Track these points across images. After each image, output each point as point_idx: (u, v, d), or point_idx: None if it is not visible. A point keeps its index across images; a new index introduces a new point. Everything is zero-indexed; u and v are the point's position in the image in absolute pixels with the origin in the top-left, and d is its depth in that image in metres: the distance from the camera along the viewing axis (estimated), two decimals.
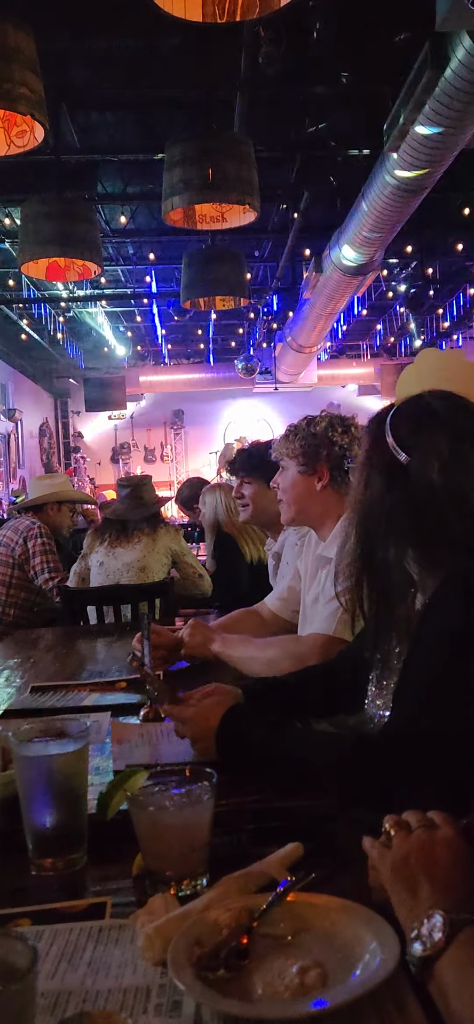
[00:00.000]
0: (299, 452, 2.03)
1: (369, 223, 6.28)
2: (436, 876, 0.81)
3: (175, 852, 0.95)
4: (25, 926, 0.91)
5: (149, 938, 0.82)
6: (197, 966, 0.77)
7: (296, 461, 2.04)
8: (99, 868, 1.04)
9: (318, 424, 2.03)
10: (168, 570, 3.59)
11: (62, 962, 0.83)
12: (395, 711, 1.25)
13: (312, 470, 2.02)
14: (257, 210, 4.07)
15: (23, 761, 1.05)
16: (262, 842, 1.01)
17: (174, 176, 3.90)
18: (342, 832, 1.07)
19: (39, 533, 3.87)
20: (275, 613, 2.30)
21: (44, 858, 1.03)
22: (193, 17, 2.49)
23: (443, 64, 4.01)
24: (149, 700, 1.65)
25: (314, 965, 0.75)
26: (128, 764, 1.30)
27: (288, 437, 2.07)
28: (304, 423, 2.07)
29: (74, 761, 1.05)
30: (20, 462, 13.01)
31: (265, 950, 0.80)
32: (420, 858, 0.83)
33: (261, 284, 10.55)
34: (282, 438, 2.10)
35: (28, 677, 2.15)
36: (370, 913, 0.82)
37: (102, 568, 3.55)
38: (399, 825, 0.88)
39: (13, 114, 2.95)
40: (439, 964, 0.74)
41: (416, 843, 0.84)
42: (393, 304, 11.80)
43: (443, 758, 1.10)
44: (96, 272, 4.87)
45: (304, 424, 2.06)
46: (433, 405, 1.27)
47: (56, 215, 4.49)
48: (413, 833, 0.86)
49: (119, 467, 16.17)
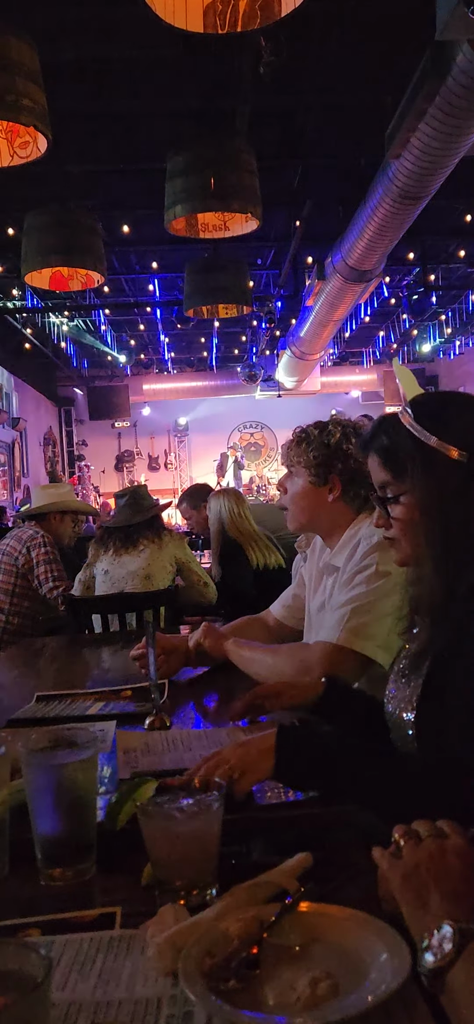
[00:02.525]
0: (311, 463, 1.97)
1: (371, 230, 6.29)
2: (446, 886, 0.81)
3: (184, 862, 0.95)
4: (35, 936, 0.91)
5: (159, 948, 0.82)
6: (208, 977, 0.77)
7: (308, 471, 1.98)
8: (108, 878, 1.04)
9: (332, 435, 1.97)
10: (173, 578, 3.59)
11: (73, 973, 0.83)
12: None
13: (324, 481, 1.97)
14: (259, 218, 4.09)
15: (32, 771, 1.05)
16: (271, 852, 1.01)
17: (176, 185, 3.93)
18: (352, 842, 1.07)
19: (43, 542, 3.88)
20: (280, 620, 2.30)
21: (53, 868, 1.03)
22: (194, 28, 2.50)
23: (444, 72, 4.03)
24: (154, 709, 1.65)
25: (325, 976, 0.75)
26: (134, 772, 1.30)
27: (299, 444, 2.01)
28: (316, 431, 2.00)
29: (83, 770, 1.05)
30: (25, 471, 13.04)
31: (276, 960, 0.80)
32: (430, 868, 0.82)
33: (264, 292, 10.57)
34: (293, 444, 2.04)
35: (33, 686, 2.15)
36: (380, 923, 0.82)
37: (107, 576, 3.55)
38: (409, 835, 0.87)
39: (16, 125, 2.97)
40: (450, 975, 0.73)
41: (426, 853, 0.84)
42: (396, 310, 11.82)
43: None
44: (99, 281, 4.89)
45: (316, 433, 2.00)
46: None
47: (59, 225, 4.52)
48: (423, 843, 0.85)
49: (123, 475, 16.20)
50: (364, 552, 1.86)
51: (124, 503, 3.72)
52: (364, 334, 13.36)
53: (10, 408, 12.26)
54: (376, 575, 1.79)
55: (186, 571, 3.68)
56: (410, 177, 5.15)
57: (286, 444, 2.09)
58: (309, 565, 2.18)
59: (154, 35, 3.17)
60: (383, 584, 1.77)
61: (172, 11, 2.45)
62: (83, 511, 5.39)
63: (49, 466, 14.70)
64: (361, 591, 1.80)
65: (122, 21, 4.41)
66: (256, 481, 15.05)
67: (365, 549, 1.86)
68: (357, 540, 1.92)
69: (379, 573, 1.79)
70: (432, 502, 1.23)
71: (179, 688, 1.95)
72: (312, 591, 2.13)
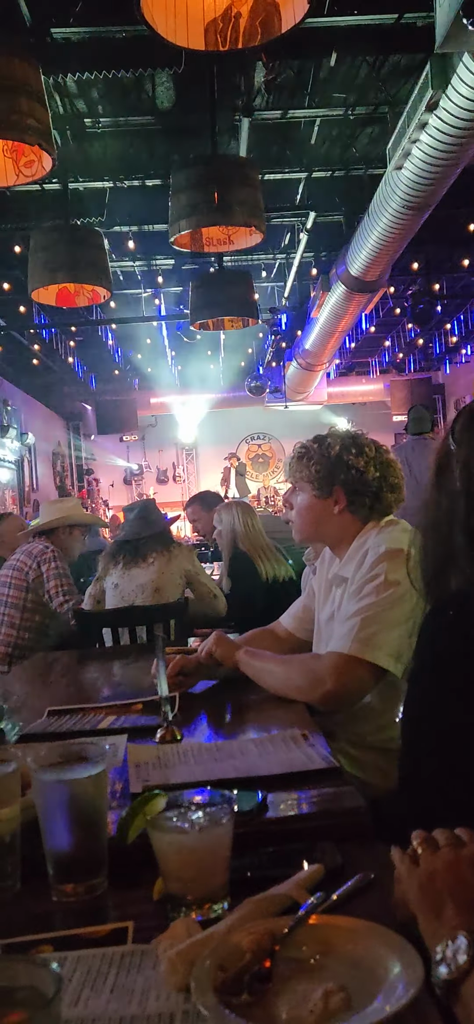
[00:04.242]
0: (313, 477, 2.00)
1: (374, 241, 6.31)
2: (461, 896, 0.80)
3: (196, 876, 0.94)
4: (47, 952, 0.91)
5: (171, 963, 0.81)
6: (220, 991, 0.76)
7: (311, 486, 2.01)
8: (120, 893, 1.04)
9: (332, 447, 2.00)
10: (183, 590, 3.59)
11: (85, 989, 0.83)
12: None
13: (328, 493, 1.99)
14: (263, 231, 4.11)
15: (42, 786, 1.05)
16: (282, 864, 1.01)
17: (181, 200, 3.95)
18: (363, 853, 1.06)
19: (53, 557, 3.89)
20: (291, 632, 2.30)
21: (65, 883, 1.03)
22: (196, 46, 2.52)
23: (445, 83, 4.05)
24: (165, 722, 1.65)
25: (338, 989, 0.75)
26: (145, 786, 1.30)
27: (301, 460, 2.03)
28: (316, 445, 2.03)
29: (93, 785, 1.05)
30: (34, 486, 13.09)
31: (288, 974, 0.80)
32: (446, 878, 0.82)
33: (269, 304, 10.61)
34: (295, 460, 2.06)
35: (44, 701, 2.15)
36: (393, 935, 0.81)
37: (117, 590, 3.56)
38: (427, 842, 0.86)
39: (21, 144, 3.00)
40: (464, 986, 0.73)
41: (442, 862, 0.83)
42: (401, 320, 11.83)
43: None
44: (105, 296, 4.92)
45: (316, 447, 2.02)
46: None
47: (65, 242, 4.55)
48: (440, 852, 0.85)
49: (132, 489, 16.24)
50: (372, 562, 1.86)
51: (133, 516, 3.73)
52: (370, 344, 13.38)
53: (19, 423, 12.32)
54: (385, 584, 1.79)
55: (196, 583, 3.68)
56: (412, 188, 5.17)
57: (288, 460, 2.11)
58: (318, 576, 2.18)
59: (158, 51, 3.21)
60: (392, 593, 1.77)
61: (174, 30, 2.47)
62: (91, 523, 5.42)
63: (58, 481, 14.75)
64: (370, 601, 1.79)
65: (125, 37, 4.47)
66: (264, 492, 15.05)
67: (373, 559, 1.86)
68: (365, 550, 1.92)
69: (388, 582, 1.79)
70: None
71: (190, 701, 1.95)
72: (321, 602, 2.13)
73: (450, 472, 1.15)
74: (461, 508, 1.11)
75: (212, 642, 2.02)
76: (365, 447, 2.01)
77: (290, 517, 2.12)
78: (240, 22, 2.48)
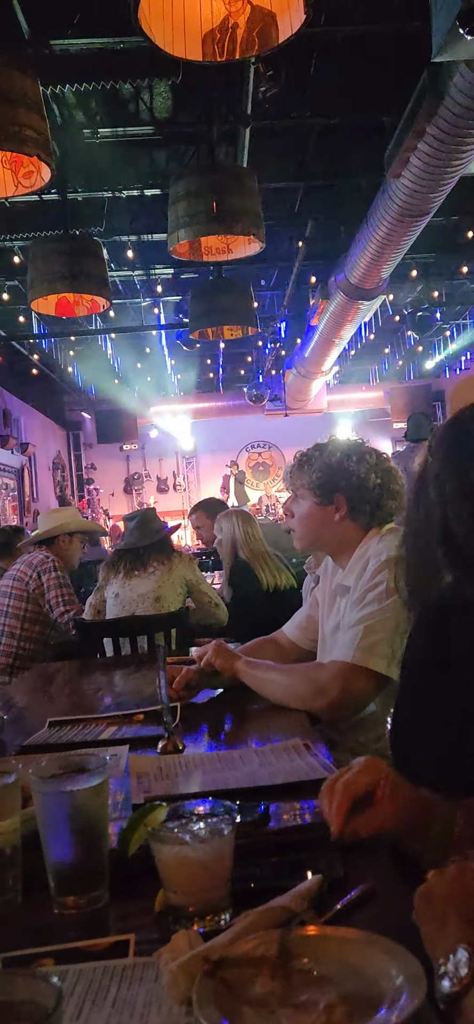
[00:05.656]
0: (314, 484, 1.99)
1: (373, 248, 6.33)
2: (464, 909, 0.79)
3: (197, 887, 0.94)
4: (48, 966, 0.90)
5: (173, 976, 0.81)
6: (222, 1003, 0.76)
7: (312, 493, 2.00)
8: (121, 905, 1.03)
9: (332, 455, 2.00)
10: (183, 600, 3.59)
11: (86, 1002, 0.82)
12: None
13: (329, 501, 1.99)
14: (262, 240, 4.12)
15: (43, 798, 1.04)
16: (284, 875, 1.00)
17: (179, 210, 3.96)
18: (365, 864, 1.06)
19: (53, 567, 3.89)
20: (294, 642, 2.29)
21: (66, 896, 1.03)
22: (193, 56, 2.53)
23: (442, 92, 4.06)
24: (167, 732, 1.64)
25: (340, 1002, 0.74)
26: (147, 797, 1.29)
27: (302, 467, 2.03)
28: (317, 452, 2.03)
29: (94, 797, 1.05)
30: (34, 496, 13.09)
31: (290, 985, 0.79)
32: (449, 890, 0.81)
33: (269, 312, 10.63)
34: (295, 468, 2.06)
35: (45, 712, 2.15)
36: (396, 945, 0.81)
37: (118, 599, 3.56)
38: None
39: (20, 155, 3.02)
40: (466, 1000, 0.72)
41: (446, 874, 0.83)
42: (400, 327, 11.85)
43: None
44: (105, 306, 4.93)
45: (317, 454, 2.02)
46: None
47: (64, 252, 4.56)
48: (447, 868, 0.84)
49: (132, 498, 16.23)
50: (374, 570, 1.86)
51: (133, 526, 3.73)
52: (369, 352, 13.40)
53: (19, 433, 12.32)
54: (387, 592, 1.79)
55: (196, 592, 3.68)
56: (410, 196, 5.19)
57: (288, 469, 2.10)
58: (322, 586, 2.18)
59: (155, 61, 3.22)
60: (394, 601, 1.77)
61: (171, 40, 2.48)
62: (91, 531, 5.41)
63: (58, 490, 14.75)
64: (373, 609, 1.79)
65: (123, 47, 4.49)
66: (265, 500, 15.05)
67: (375, 567, 1.86)
68: (367, 558, 1.92)
69: (390, 590, 1.78)
70: None
71: (192, 711, 1.94)
72: (326, 613, 2.13)
73: (427, 484, 1.19)
74: (437, 519, 1.15)
75: (211, 652, 2.01)
76: (365, 454, 2.01)
77: (290, 526, 2.11)
78: (237, 32, 2.49)
